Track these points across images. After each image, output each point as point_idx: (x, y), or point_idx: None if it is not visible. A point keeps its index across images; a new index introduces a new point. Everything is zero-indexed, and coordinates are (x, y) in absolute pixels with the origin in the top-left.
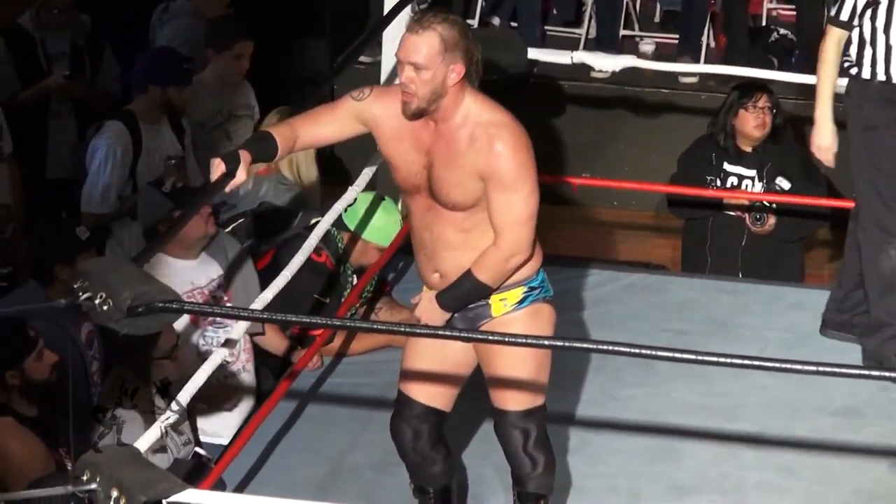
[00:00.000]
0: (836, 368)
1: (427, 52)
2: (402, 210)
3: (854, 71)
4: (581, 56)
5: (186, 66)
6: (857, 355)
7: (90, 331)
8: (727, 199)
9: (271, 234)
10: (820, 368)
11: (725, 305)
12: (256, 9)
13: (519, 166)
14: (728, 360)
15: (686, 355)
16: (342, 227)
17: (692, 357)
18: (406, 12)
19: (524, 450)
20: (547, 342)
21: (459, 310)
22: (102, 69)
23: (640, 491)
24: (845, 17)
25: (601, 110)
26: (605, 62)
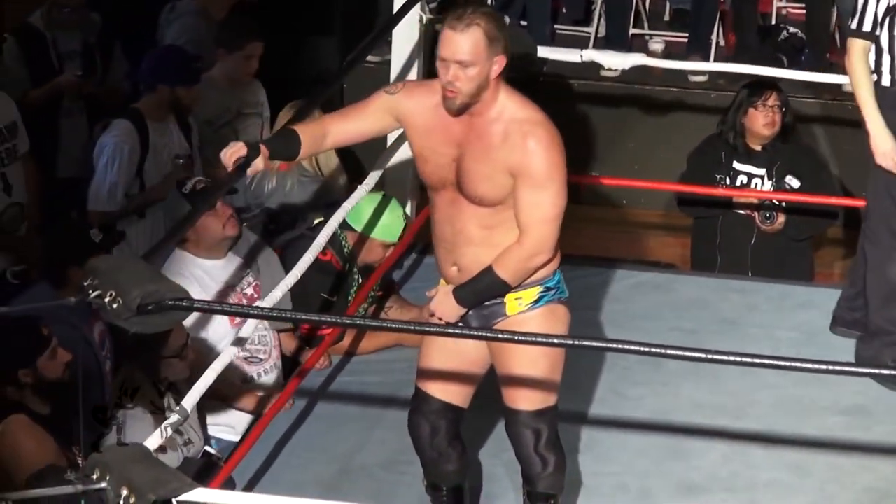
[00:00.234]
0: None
1: (473, 49)
2: (408, 207)
3: (873, 78)
4: (590, 54)
5: (195, 65)
6: None
7: (102, 330)
8: (737, 197)
9: (276, 234)
10: (830, 367)
11: (735, 304)
12: (266, 8)
13: (550, 165)
14: (737, 359)
15: (696, 354)
16: (346, 227)
17: (702, 355)
18: (416, 11)
19: (535, 450)
20: (556, 340)
21: (476, 306)
22: (113, 68)
23: (650, 490)
24: (868, 27)
25: (611, 109)
26: (615, 60)
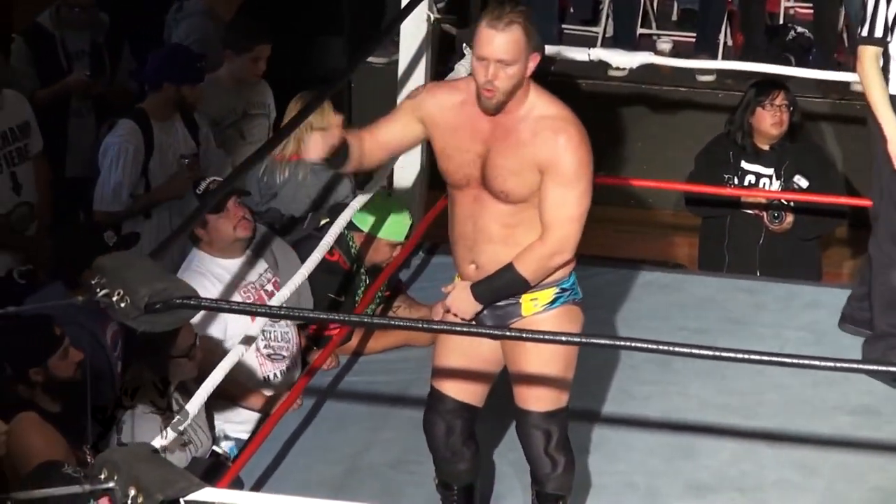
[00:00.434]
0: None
1: (514, 48)
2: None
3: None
4: (598, 53)
5: (199, 64)
6: None
7: (115, 331)
8: (745, 197)
9: (283, 235)
10: (838, 364)
11: (743, 304)
12: (273, 8)
13: (579, 163)
14: (746, 357)
15: (704, 351)
16: (353, 228)
17: (710, 353)
18: (423, 10)
19: (545, 451)
20: (564, 338)
21: (493, 303)
22: (121, 68)
23: (658, 489)
24: (879, 33)
25: (618, 108)
26: (623, 59)
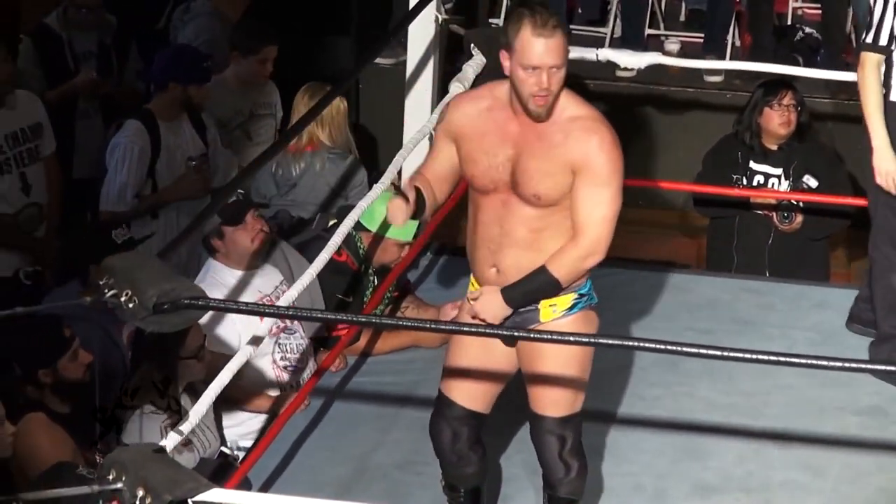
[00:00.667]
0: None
1: (563, 52)
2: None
3: (882, 92)
4: (606, 53)
5: (205, 63)
6: None
7: (132, 332)
8: (755, 197)
9: (291, 236)
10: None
11: (751, 304)
12: (281, 8)
13: (612, 164)
14: (753, 357)
15: (712, 352)
16: (360, 228)
17: (718, 354)
18: (431, 11)
19: (560, 456)
20: (572, 338)
21: (522, 307)
22: (128, 69)
23: (666, 490)
24: (884, 41)
25: (626, 109)
26: (631, 59)
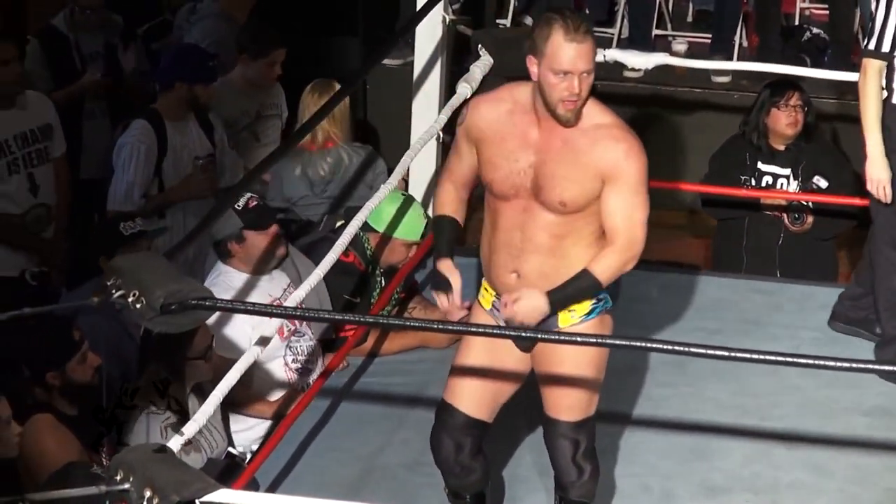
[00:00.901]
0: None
1: (593, 57)
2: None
3: (883, 94)
4: (613, 54)
5: (211, 63)
6: None
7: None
8: (764, 198)
9: (298, 237)
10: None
11: (758, 305)
12: (289, 8)
13: (642, 169)
14: (761, 358)
15: (719, 352)
16: (367, 229)
17: (725, 354)
18: (439, 11)
19: (573, 459)
20: (579, 339)
21: (561, 310)
22: (135, 69)
23: (673, 490)
24: (886, 47)
25: (634, 109)
26: (638, 60)
